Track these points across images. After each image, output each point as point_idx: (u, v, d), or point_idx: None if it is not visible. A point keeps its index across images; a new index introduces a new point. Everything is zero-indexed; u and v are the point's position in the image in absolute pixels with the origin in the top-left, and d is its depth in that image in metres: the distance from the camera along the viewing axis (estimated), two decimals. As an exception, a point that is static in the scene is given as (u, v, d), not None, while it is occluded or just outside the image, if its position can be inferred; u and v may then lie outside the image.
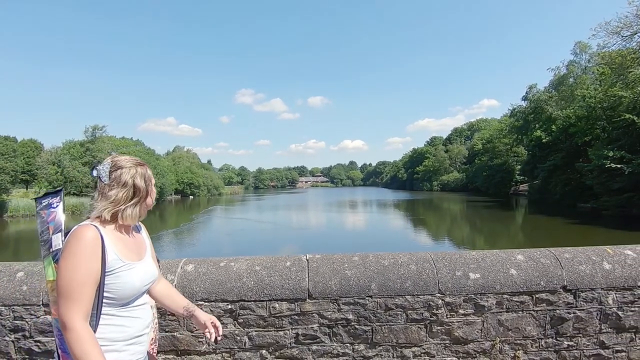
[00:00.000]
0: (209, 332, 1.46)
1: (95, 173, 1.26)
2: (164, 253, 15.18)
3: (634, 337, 2.26)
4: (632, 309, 2.23)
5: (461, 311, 2.17)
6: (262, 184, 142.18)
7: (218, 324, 1.49)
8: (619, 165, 20.00)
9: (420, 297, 2.15)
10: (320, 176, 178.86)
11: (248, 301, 2.13)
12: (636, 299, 2.23)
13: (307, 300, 2.13)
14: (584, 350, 2.24)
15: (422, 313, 2.16)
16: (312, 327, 2.15)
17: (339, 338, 2.16)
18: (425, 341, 2.17)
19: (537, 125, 37.90)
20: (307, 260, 2.25)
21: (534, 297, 2.18)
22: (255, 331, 2.14)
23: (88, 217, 1.26)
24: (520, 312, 2.19)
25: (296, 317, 2.14)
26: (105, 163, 1.26)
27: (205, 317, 1.49)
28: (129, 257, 1.27)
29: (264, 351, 2.16)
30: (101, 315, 1.19)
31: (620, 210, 20.91)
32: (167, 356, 2.16)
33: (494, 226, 21.93)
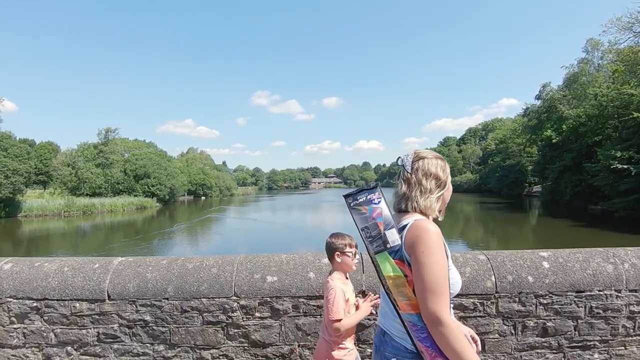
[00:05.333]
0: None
1: (400, 162, 1.30)
2: (162, 252, 15.63)
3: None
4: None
5: (257, 314, 2.18)
6: (276, 185, 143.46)
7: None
8: (625, 166, 19.07)
9: (216, 299, 2.18)
10: (333, 177, 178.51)
11: (52, 300, 2.21)
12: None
13: (107, 301, 2.20)
14: (390, 357, 2.20)
15: (218, 316, 2.18)
16: (112, 327, 2.21)
17: (138, 338, 2.22)
18: (224, 343, 2.20)
19: (549, 124, 36.61)
20: (116, 263, 2.32)
21: (331, 302, 2.16)
22: (60, 328, 2.23)
23: (406, 209, 1.25)
24: (319, 316, 2.18)
25: (97, 317, 2.21)
26: (409, 154, 1.31)
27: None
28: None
29: (69, 348, 2.24)
30: None
31: (628, 212, 19.91)
32: (-18, 350, 2.27)
33: (498, 228, 21.36)
